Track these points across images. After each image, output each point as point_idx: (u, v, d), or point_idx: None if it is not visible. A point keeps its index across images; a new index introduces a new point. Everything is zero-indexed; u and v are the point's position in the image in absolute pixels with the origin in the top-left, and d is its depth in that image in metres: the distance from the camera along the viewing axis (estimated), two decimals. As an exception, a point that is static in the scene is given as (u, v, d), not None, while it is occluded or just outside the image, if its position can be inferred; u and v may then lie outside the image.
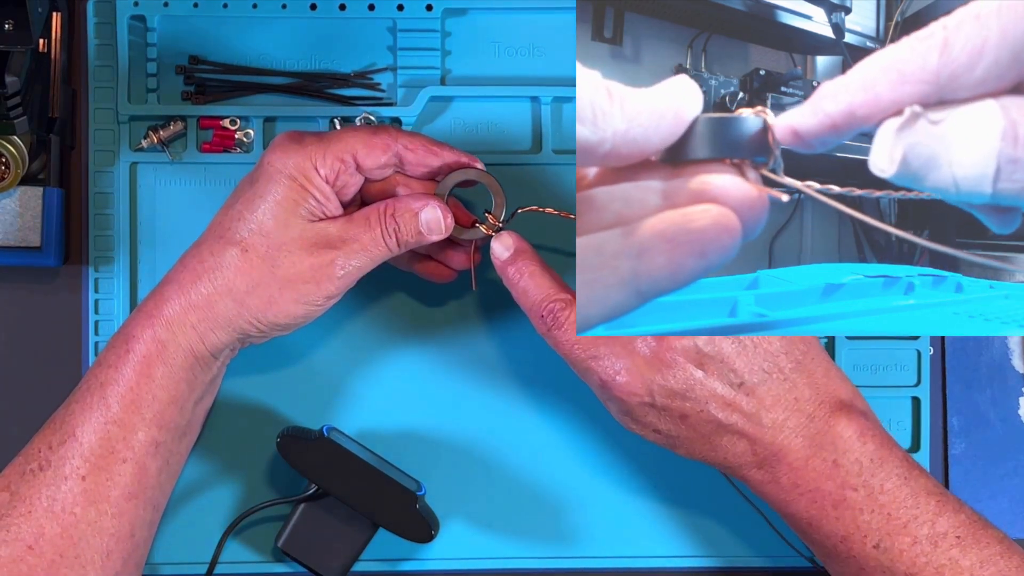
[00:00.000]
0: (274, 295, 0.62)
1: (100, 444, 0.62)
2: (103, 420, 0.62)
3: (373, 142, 0.63)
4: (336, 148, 0.62)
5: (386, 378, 0.72)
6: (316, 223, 0.62)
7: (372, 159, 0.63)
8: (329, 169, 0.62)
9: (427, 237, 0.64)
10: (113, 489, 0.62)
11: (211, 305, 0.62)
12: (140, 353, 0.62)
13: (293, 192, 0.62)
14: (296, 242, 0.62)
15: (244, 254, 0.62)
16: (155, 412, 0.62)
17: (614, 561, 0.72)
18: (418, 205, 0.63)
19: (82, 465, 0.62)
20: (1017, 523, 0.74)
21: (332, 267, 0.62)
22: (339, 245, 0.62)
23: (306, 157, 0.62)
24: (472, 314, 0.72)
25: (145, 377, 0.62)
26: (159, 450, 0.63)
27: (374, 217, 0.63)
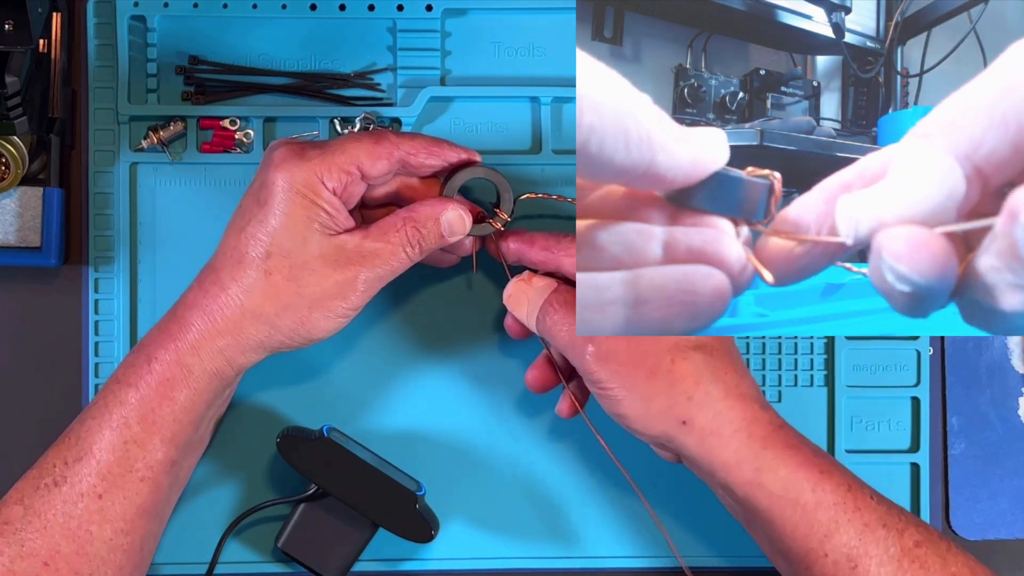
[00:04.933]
0: (304, 314, 0.62)
1: (119, 463, 0.62)
2: (122, 439, 0.62)
3: (376, 151, 0.62)
4: (341, 160, 0.62)
5: (386, 378, 0.72)
6: (334, 237, 0.62)
7: (377, 168, 0.63)
8: (336, 182, 0.62)
9: (449, 240, 0.64)
10: (129, 508, 0.62)
11: (240, 330, 0.62)
12: (163, 375, 0.62)
13: (304, 209, 0.61)
14: (318, 260, 0.61)
15: (268, 277, 0.61)
16: (174, 432, 0.62)
17: (614, 561, 0.72)
18: (438, 210, 0.63)
19: (99, 483, 0.61)
20: (1017, 523, 0.74)
21: (356, 282, 0.62)
22: (360, 260, 0.62)
23: (312, 172, 0.61)
24: (472, 315, 0.72)
25: (168, 400, 0.62)
26: (174, 468, 0.63)
27: (393, 230, 0.63)
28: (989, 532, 0.74)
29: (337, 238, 0.62)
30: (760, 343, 0.73)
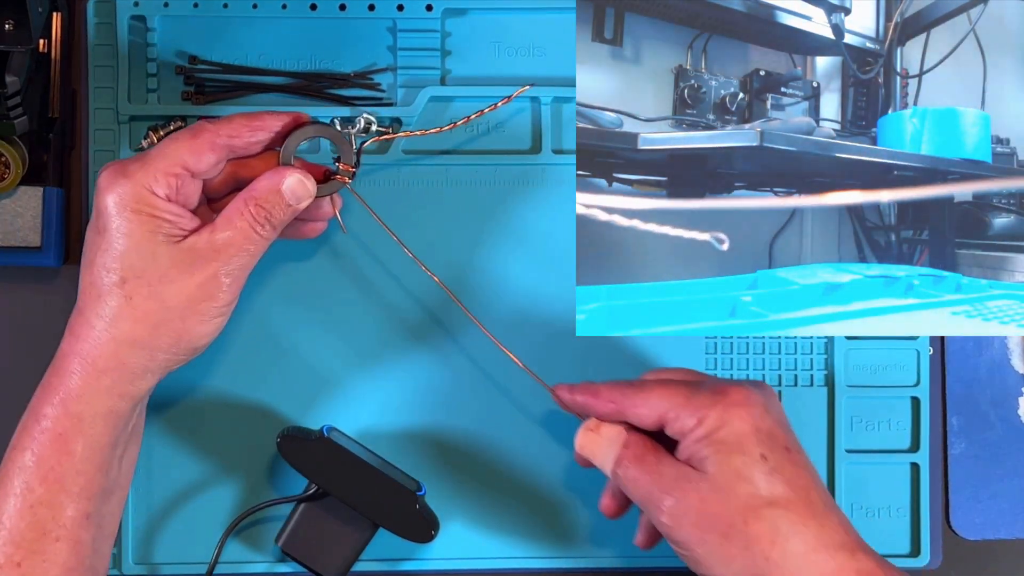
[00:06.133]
0: (178, 326, 0.61)
1: (30, 528, 0.60)
2: (28, 504, 0.60)
3: (197, 145, 0.61)
4: (163, 165, 0.60)
5: (386, 378, 0.72)
6: (182, 242, 0.61)
7: (204, 162, 0.62)
8: (166, 187, 0.60)
9: (297, 207, 0.63)
10: (51, 569, 0.60)
11: (121, 363, 0.60)
12: (54, 432, 0.60)
13: (143, 224, 0.60)
14: (173, 270, 0.60)
15: (129, 302, 0.60)
16: (81, 486, 0.61)
17: (614, 561, 0.72)
18: (276, 180, 0.62)
19: (15, 552, 0.60)
20: (1017, 523, 0.74)
21: (217, 278, 0.61)
22: (215, 255, 0.61)
23: (138, 184, 0.60)
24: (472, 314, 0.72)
25: (65, 455, 0.60)
26: (90, 520, 0.61)
27: (238, 215, 0.62)
28: (989, 532, 0.74)
29: (185, 242, 0.61)
30: (760, 343, 0.73)
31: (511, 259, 0.72)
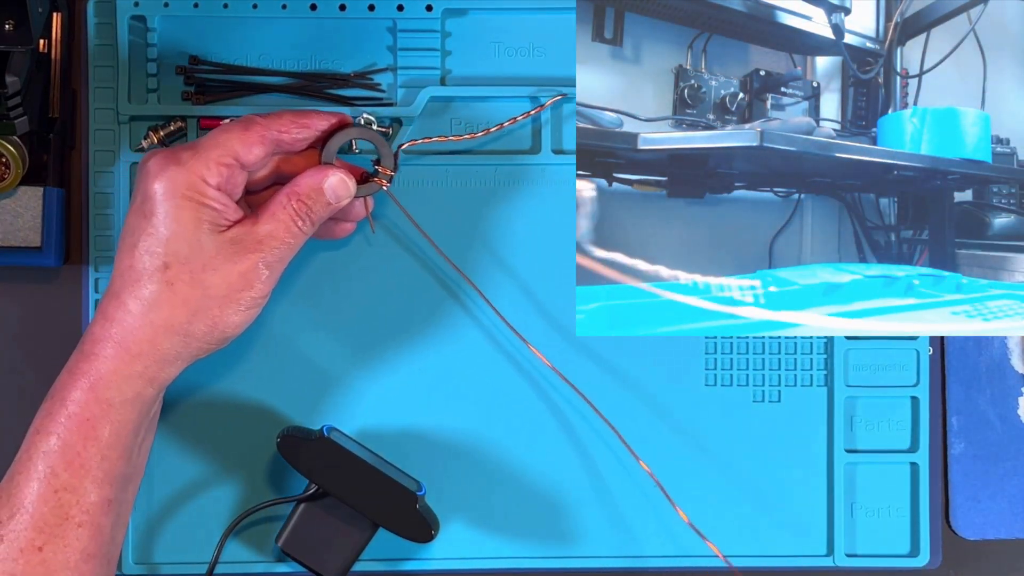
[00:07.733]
0: (216, 314, 0.61)
1: (53, 513, 0.60)
2: (52, 488, 0.60)
3: (248, 137, 0.62)
4: (216, 154, 0.61)
5: (386, 378, 0.72)
6: (226, 232, 0.62)
7: (253, 153, 0.62)
8: (218, 176, 0.61)
9: (337, 205, 0.64)
10: (72, 555, 0.61)
11: (155, 348, 0.61)
12: (82, 416, 0.60)
13: (192, 211, 0.61)
14: (216, 258, 0.61)
15: (171, 287, 0.61)
16: (105, 471, 0.61)
17: (614, 561, 0.72)
18: (319, 178, 0.64)
19: (37, 537, 0.60)
20: (1017, 523, 0.74)
21: (257, 269, 0.62)
22: (257, 247, 0.62)
23: (191, 172, 0.61)
24: (472, 314, 0.72)
25: (91, 440, 0.61)
26: (111, 506, 0.62)
27: (280, 209, 0.63)
28: (989, 532, 0.74)
29: (230, 231, 0.62)
30: (760, 343, 0.73)
31: (511, 259, 0.72)
